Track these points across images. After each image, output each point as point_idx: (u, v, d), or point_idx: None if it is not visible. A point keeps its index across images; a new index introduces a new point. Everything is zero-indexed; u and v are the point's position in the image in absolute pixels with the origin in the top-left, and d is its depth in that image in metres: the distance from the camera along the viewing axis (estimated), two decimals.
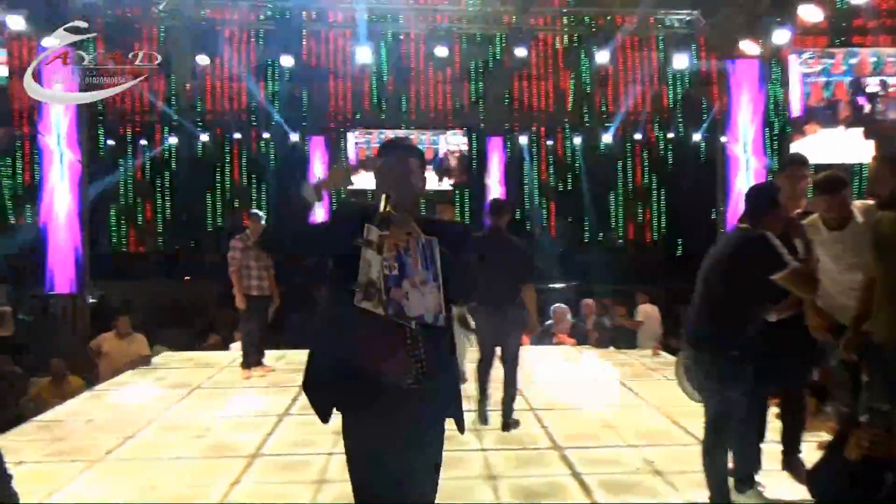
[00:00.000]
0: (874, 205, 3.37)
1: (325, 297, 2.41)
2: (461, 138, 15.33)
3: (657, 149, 19.74)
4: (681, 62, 10.63)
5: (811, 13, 8.72)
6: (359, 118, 17.00)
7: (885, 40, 10.43)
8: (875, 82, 9.30)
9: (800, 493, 3.59)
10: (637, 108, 17.27)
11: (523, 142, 18.47)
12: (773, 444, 3.88)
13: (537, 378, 6.65)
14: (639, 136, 18.71)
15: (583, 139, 18.83)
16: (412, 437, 2.25)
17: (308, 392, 2.35)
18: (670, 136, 19.21)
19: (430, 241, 2.08)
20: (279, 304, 7.19)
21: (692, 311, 3.40)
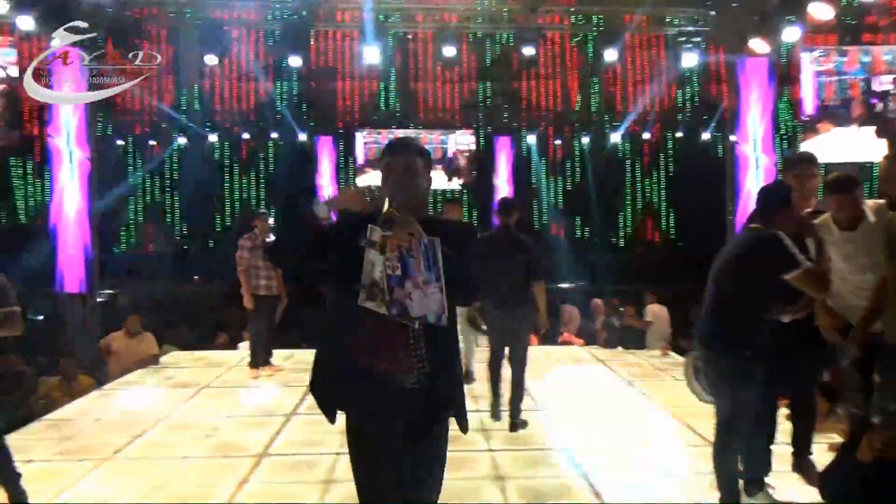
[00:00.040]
0: (886, 204, 3.34)
1: (329, 298, 2.41)
2: (470, 138, 15.32)
3: (666, 148, 19.67)
4: (689, 61, 10.59)
5: (821, 11, 8.64)
6: (376, 118, 17.01)
7: None
8: (888, 80, 9.21)
9: (810, 495, 3.56)
10: (646, 107, 17.19)
11: (531, 141, 18.45)
12: (783, 446, 3.85)
13: (545, 378, 6.63)
14: (647, 135, 18.63)
15: (591, 138, 18.77)
16: (415, 437, 2.25)
17: (315, 392, 2.36)
18: (679, 135, 19.12)
19: (433, 242, 2.07)
20: (287, 304, 7.19)
21: (703, 311, 3.38)
